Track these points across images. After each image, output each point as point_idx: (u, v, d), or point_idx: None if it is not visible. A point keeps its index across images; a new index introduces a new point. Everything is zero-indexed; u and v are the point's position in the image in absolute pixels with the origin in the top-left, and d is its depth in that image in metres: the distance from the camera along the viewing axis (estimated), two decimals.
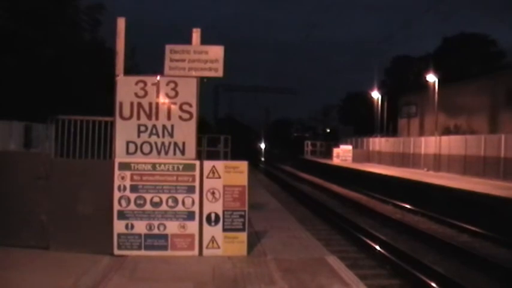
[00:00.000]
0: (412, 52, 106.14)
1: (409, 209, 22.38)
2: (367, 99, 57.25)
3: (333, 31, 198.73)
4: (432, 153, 35.03)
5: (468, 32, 61.16)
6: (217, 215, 8.40)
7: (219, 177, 8.45)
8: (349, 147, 49.66)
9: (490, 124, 38.23)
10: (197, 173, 8.43)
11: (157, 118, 8.68)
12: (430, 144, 35.96)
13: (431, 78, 38.87)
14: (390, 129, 54.14)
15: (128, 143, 8.61)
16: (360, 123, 66.29)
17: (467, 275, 11.47)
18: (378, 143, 46.92)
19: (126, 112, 8.64)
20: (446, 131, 39.60)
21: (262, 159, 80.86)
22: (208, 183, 8.43)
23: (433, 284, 10.35)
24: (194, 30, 9.00)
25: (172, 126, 8.69)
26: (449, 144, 33.09)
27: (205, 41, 9.05)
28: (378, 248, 13.77)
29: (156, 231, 8.34)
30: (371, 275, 11.08)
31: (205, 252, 8.37)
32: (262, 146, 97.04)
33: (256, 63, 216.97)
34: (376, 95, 53.26)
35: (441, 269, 11.35)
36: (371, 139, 49.06)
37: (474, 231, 16.79)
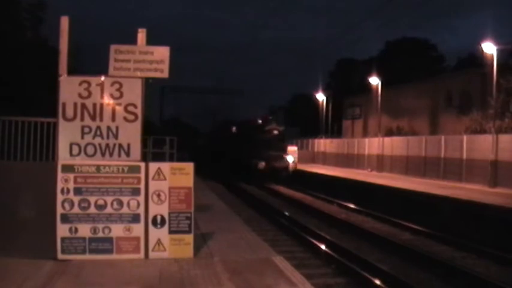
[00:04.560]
0: (356, 55, 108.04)
1: (354, 208, 22.79)
2: (312, 101, 57.92)
3: (279, 33, 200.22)
4: (375, 154, 35.77)
5: (410, 36, 62.94)
6: (163, 217, 8.30)
7: (165, 179, 8.35)
8: (295, 148, 50.13)
9: (430, 125, 39.45)
10: (142, 175, 8.31)
11: (101, 119, 8.51)
12: (373, 145, 36.71)
13: (375, 81, 39.82)
14: (335, 131, 55.06)
15: (71, 144, 8.40)
16: (306, 124, 66.83)
17: (410, 272, 11.77)
18: (323, 144, 47.55)
19: (70, 113, 8.43)
20: (389, 132, 40.57)
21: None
22: (153, 185, 8.32)
23: (377, 282, 10.58)
24: (140, 30, 8.87)
25: (117, 127, 8.54)
26: (392, 145, 33.89)
27: (152, 41, 8.95)
28: (323, 247, 13.96)
29: (100, 234, 8.17)
30: (317, 274, 11.22)
31: (151, 255, 8.27)
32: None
33: (203, 64, 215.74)
34: (321, 96, 53.97)
35: (385, 267, 11.62)
36: (316, 140, 49.67)
37: (416, 230, 17.25)
